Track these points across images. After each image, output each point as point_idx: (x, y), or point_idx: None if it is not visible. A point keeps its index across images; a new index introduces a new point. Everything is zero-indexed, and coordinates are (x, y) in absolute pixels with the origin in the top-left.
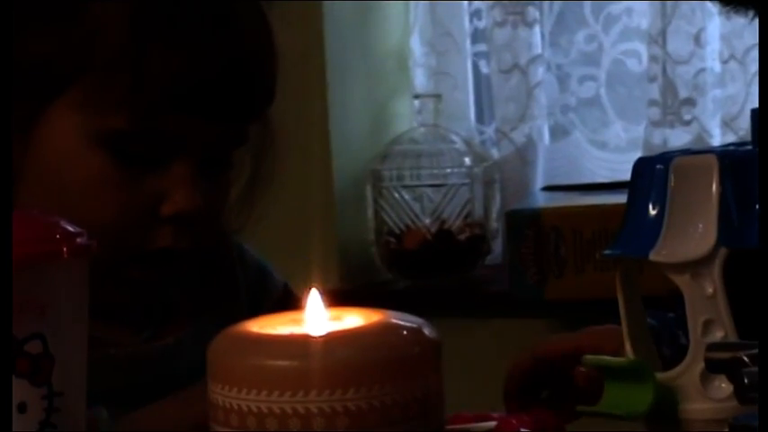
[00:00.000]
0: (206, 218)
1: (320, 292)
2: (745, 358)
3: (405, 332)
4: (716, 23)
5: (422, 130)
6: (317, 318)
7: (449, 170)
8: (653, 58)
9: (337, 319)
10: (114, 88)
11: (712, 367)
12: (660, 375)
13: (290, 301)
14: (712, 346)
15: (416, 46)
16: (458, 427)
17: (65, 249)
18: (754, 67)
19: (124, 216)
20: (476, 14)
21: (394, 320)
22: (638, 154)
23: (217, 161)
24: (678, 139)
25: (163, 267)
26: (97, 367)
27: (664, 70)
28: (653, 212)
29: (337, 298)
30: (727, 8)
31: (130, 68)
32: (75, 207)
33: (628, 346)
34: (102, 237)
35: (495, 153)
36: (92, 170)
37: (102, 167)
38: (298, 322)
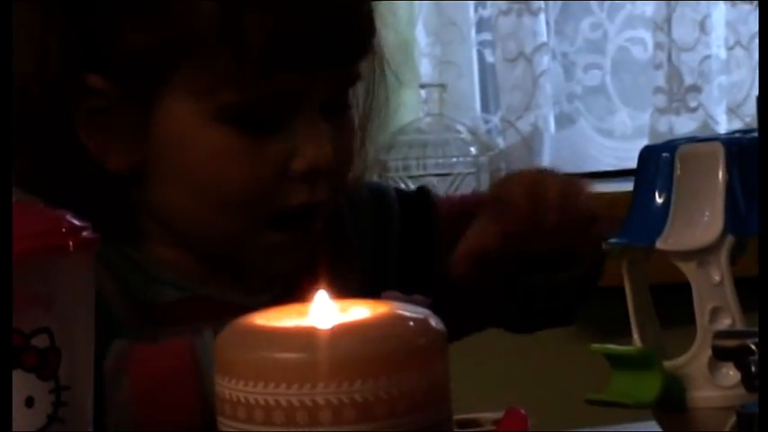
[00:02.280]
0: (339, 166)
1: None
2: (753, 346)
3: (411, 323)
4: (721, 10)
5: (427, 119)
6: (324, 310)
7: (455, 159)
8: (658, 46)
9: (343, 311)
10: (216, 65)
11: (720, 355)
12: (668, 363)
13: (423, 206)
14: (720, 334)
15: (421, 36)
16: (465, 416)
17: (71, 243)
18: None
19: (257, 181)
20: (480, 3)
21: (400, 312)
22: (644, 141)
23: (335, 104)
24: (684, 126)
25: (303, 225)
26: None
27: (669, 57)
28: (659, 201)
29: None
30: None
31: (227, 42)
32: (207, 184)
33: (635, 335)
34: (238, 206)
35: (500, 142)
36: (216, 145)
37: (225, 141)
38: (304, 314)
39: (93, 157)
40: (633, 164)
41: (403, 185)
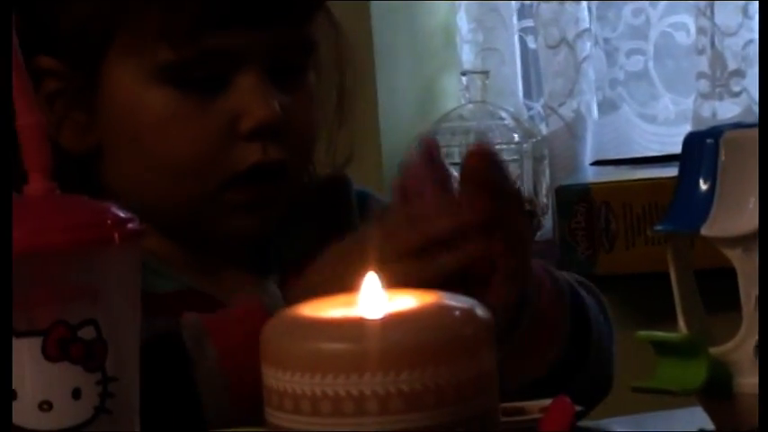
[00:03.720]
0: (293, 128)
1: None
2: None
3: (457, 313)
4: None
5: (470, 106)
6: (370, 300)
7: (498, 146)
8: (701, 30)
9: (390, 300)
10: (150, 24)
11: None
12: (713, 350)
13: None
14: None
15: (463, 22)
16: (512, 404)
17: (116, 235)
18: None
19: (205, 143)
20: None
21: (446, 301)
22: (688, 127)
23: (287, 69)
24: (727, 111)
25: (261, 185)
26: None
27: (712, 42)
28: (704, 187)
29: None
30: None
31: (157, 1)
32: (157, 150)
33: (681, 322)
34: (191, 170)
35: (543, 128)
36: (160, 108)
37: (169, 102)
38: (350, 305)
39: (53, 140)
40: (676, 149)
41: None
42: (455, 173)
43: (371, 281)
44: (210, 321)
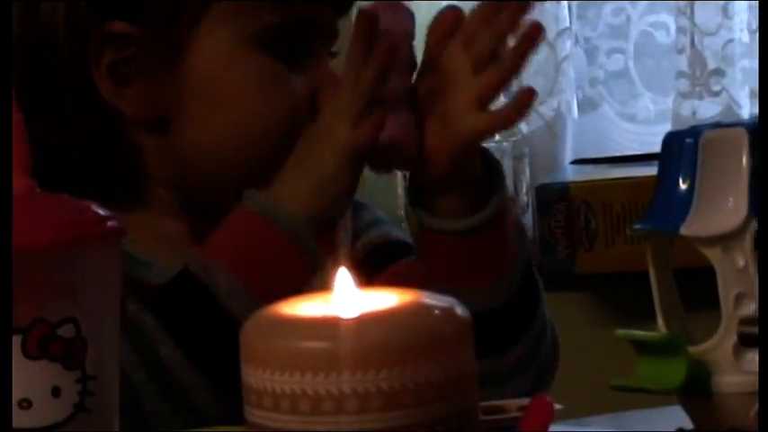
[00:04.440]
0: None
1: (351, 272)
2: None
3: (437, 311)
4: None
5: None
6: (349, 298)
7: None
8: (681, 30)
9: (369, 299)
10: None
11: (745, 341)
12: (692, 349)
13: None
14: (745, 320)
15: None
16: (491, 403)
17: (97, 233)
18: None
19: (293, 110)
20: None
21: (426, 300)
22: (667, 126)
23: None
24: (707, 110)
25: None
26: None
27: (692, 42)
28: (683, 187)
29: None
30: None
31: None
32: (247, 113)
33: (660, 321)
34: (275, 136)
35: (523, 127)
36: (255, 72)
37: (263, 67)
38: (329, 303)
39: (114, 108)
40: (656, 148)
41: None
42: None
43: (348, 280)
44: (208, 247)
